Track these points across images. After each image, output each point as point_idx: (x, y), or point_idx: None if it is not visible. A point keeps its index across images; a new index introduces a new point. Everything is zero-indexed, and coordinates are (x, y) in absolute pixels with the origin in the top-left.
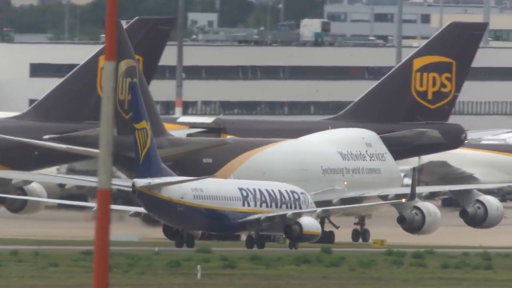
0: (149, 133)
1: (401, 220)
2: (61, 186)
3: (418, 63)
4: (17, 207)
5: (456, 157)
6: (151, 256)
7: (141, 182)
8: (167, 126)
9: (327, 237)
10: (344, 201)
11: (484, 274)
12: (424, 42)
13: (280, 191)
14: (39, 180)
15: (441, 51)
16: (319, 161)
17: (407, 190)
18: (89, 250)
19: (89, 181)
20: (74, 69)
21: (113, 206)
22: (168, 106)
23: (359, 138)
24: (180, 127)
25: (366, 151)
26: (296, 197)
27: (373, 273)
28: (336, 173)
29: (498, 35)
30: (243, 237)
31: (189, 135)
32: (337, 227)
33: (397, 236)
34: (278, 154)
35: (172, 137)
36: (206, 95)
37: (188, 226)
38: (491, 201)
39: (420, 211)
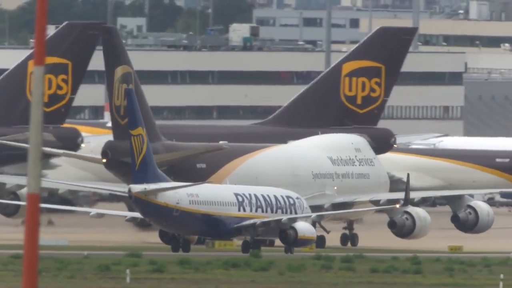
0: (145, 139)
1: (392, 225)
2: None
3: (347, 68)
4: (10, 212)
5: (385, 161)
6: (81, 260)
7: (137, 187)
8: (96, 130)
9: (318, 242)
10: (335, 206)
11: (413, 278)
12: (353, 47)
13: (275, 196)
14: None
15: (370, 55)
16: (310, 166)
17: (398, 196)
18: (19, 254)
19: (84, 186)
20: (3, 74)
21: (110, 211)
22: (97, 111)
23: (348, 143)
24: (109, 132)
25: (355, 156)
26: (292, 202)
27: (302, 277)
28: (326, 178)
29: (428, 40)
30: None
31: None
32: (328, 232)
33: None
34: (270, 159)
35: (167, 142)
36: None
37: (184, 231)
38: (482, 207)
39: (411, 216)
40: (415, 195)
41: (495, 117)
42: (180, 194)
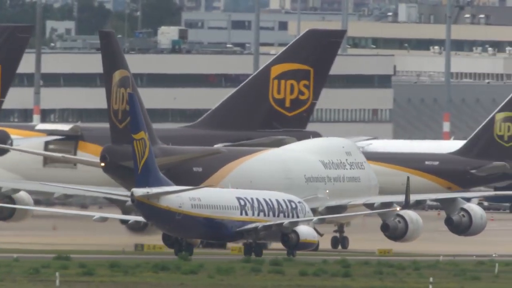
0: (147, 143)
1: (385, 228)
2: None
3: (275, 70)
4: (6, 215)
5: None
6: (10, 263)
7: (139, 191)
8: (25, 133)
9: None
10: (329, 209)
11: (342, 281)
12: (282, 49)
13: (277, 200)
14: (28, 189)
15: (299, 58)
16: (303, 169)
17: (392, 199)
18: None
19: (78, 189)
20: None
21: (113, 215)
22: (26, 114)
23: (339, 147)
24: (38, 135)
25: (346, 159)
26: (294, 206)
27: (231, 280)
28: (318, 181)
29: (356, 43)
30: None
31: (47, 142)
32: (321, 235)
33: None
34: (264, 163)
35: (164, 146)
36: (64, 103)
37: (187, 235)
38: (475, 209)
39: (403, 219)
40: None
41: (424, 120)
42: (182, 198)
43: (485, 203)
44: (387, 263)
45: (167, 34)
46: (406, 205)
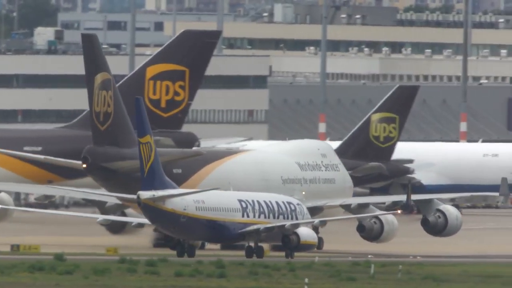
0: (153, 147)
1: (361, 229)
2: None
3: (151, 71)
4: (117, 228)
5: None
6: None
7: (145, 194)
8: None
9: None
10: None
11: (217, 282)
12: (157, 50)
13: (277, 202)
14: (12, 190)
15: (174, 59)
16: (279, 171)
17: (368, 200)
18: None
19: (89, 193)
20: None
21: (117, 217)
22: None
23: (315, 149)
24: None
25: (322, 161)
26: (293, 208)
27: (106, 280)
28: (295, 183)
29: (232, 43)
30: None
31: None
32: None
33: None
34: (241, 164)
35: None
36: None
37: (190, 237)
38: (451, 210)
39: (379, 220)
40: (385, 200)
41: (300, 121)
42: (187, 200)
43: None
44: (262, 264)
45: (43, 35)
46: (406, 207)
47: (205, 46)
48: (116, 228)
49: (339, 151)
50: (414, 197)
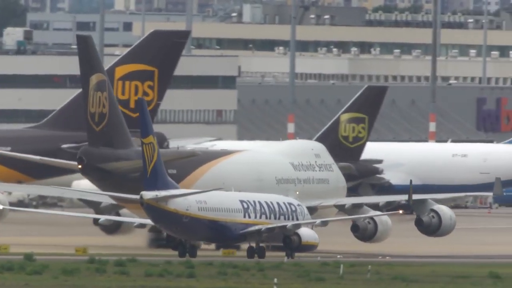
0: (155, 148)
1: (355, 229)
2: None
3: (120, 71)
4: (112, 229)
5: None
6: None
7: (148, 194)
8: None
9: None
10: None
11: (186, 282)
12: (126, 50)
13: (278, 203)
14: (7, 190)
15: (143, 59)
16: (273, 171)
17: (363, 200)
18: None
19: (96, 193)
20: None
21: (122, 218)
22: None
23: (308, 149)
24: None
25: (315, 161)
26: (293, 209)
27: (76, 281)
28: (289, 183)
29: (201, 43)
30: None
31: None
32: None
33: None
34: (236, 165)
35: (139, 149)
36: None
37: (193, 237)
38: (445, 210)
39: (373, 220)
40: (380, 200)
41: (268, 121)
42: (189, 201)
43: None
44: (231, 264)
45: (12, 35)
46: (408, 207)
47: (174, 46)
48: (111, 228)
49: None
50: (406, 197)
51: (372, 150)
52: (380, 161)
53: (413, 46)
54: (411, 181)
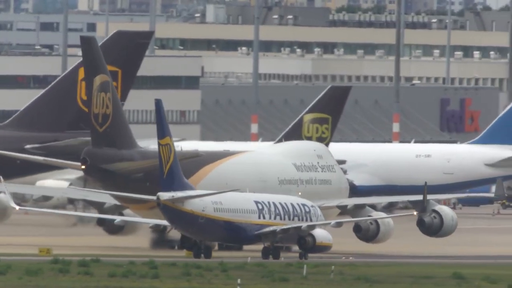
0: (172, 149)
1: (357, 229)
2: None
3: (83, 72)
4: (115, 229)
5: None
6: None
7: (165, 195)
8: None
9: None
10: None
11: (150, 283)
12: None
13: (292, 204)
14: (11, 190)
15: (107, 59)
16: (276, 172)
17: (365, 201)
18: None
19: (111, 194)
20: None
21: (135, 219)
22: None
23: (311, 150)
24: None
25: (318, 162)
26: (307, 210)
27: (39, 281)
28: (291, 184)
29: (164, 44)
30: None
31: None
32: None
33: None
34: (239, 165)
35: (143, 149)
36: None
37: (208, 238)
38: (446, 211)
39: (375, 221)
40: (381, 200)
41: (232, 121)
42: (205, 201)
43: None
44: (195, 265)
45: None
46: (422, 209)
47: (137, 47)
48: (114, 228)
49: None
50: (408, 198)
51: (335, 150)
52: (343, 162)
53: (376, 46)
54: (425, 183)
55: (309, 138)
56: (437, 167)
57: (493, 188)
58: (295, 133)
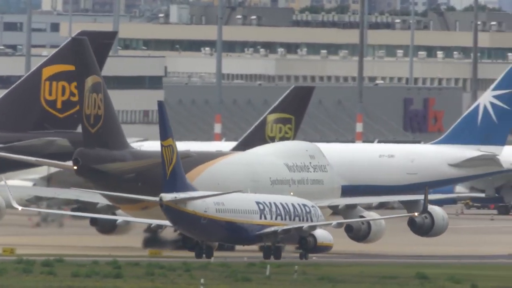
0: (174, 150)
1: (348, 229)
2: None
3: (47, 72)
4: (108, 229)
5: None
6: None
7: (168, 196)
8: None
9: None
10: None
11: (113, 283)
12: (54, 51)
13: (293, 205)
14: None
15: (71, 60)
16: (268, 172)
17: (357, 201)
18: None
19: (118, 195)
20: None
21: (136, 219)
22: None
23: (303, 150)
24: None
25: (310, 162)
26: (308, 210)
27: (3, 281)
28: (283, 184)
29: (128, 44)
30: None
31: None
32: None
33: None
34: (231, 166)
35: (134, 150)
36: None
37: (210, 238)
38: (437, 211)
39: (366, 221)
40: (373, 200)
41: (195, 121)
42: (207, 202)
43: None
44: (158, 264)
45: None
46: (424, 210)
47: (101, 47)
48: (107, 228)
49: None
50: (399, 198)
51: None
52: None
53: (340, 46)
54: (427, 187)
55: (273, 138)
56: (400, 167)
57: (457, 188)
58: (258, 133)
